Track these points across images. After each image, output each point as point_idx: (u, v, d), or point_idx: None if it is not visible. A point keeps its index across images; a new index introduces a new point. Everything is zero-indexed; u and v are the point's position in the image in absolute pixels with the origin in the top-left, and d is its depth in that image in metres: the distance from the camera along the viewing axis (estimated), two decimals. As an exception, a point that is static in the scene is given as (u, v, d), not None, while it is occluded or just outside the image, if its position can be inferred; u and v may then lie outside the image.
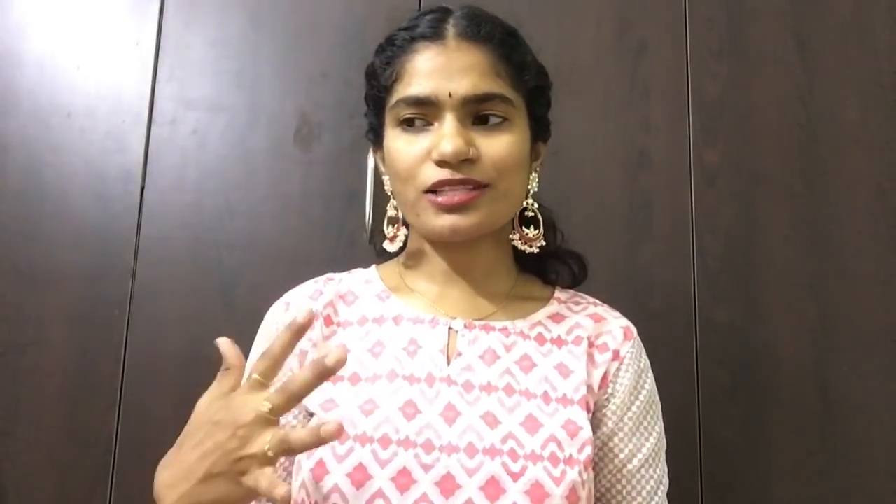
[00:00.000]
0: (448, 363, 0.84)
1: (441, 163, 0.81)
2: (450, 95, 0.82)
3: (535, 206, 0.90)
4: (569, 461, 0.78)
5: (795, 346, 1.21)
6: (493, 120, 0.84)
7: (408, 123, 0.84)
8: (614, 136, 1.28)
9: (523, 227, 0.90)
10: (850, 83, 1.27)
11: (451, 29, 0.85)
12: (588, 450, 0.80)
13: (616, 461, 0.85)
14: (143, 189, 1.27)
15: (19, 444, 1.18)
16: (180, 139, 1.28)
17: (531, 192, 0.90)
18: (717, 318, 1.22)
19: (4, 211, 1.25)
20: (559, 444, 0.79)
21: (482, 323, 0.87)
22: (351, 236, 1.24)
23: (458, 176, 0.81)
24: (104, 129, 1.28)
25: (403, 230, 0.91)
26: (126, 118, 1.29)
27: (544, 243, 0.91)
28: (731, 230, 1.24)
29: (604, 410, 0.86)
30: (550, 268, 0.97)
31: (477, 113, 0.83)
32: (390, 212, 0.91)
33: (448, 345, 0.85)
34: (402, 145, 0.84)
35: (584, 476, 0.79)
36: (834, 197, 1.24)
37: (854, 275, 1.22)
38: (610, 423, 0.86)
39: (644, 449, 0.86)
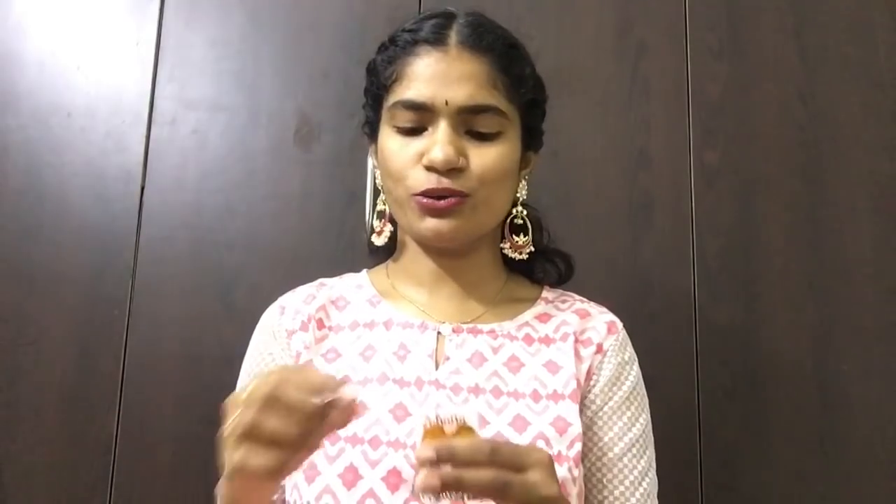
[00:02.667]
0: (437, 367, 0.85)
1: (430, 168, 0.83)
2: (446, 103, 0.83)
3: (524, 212, 0.92)
4: (557, 458, 0.78)
5: (795, 346, 1.21)
6: (486, 131, 0.85)
7: (403, 125, 0.85)
8: (614, 136, 1.28)
9: (513, 235, 0.91)
10: (850, 83, 1.27)
11: (453, 36, 0.86)
12: (578, 446, 0.80)
13: (596, 449, 0.86)
14: (143, 189, 1.27)
15: (19, 444, 1.18)
16: (180, 139, 1.28)
17: (520, 199, 0.91)
18: (717, 319, 1.22)
19: (4, 211, 1.25)
20: (548, 442, 0.79)
21: (470, 326, 0.88)
22: (351, 236, 1.24)
23: (443, 184, 0.82)
24: (104, 129, 1.28)
25: (389, 226, 0.93)
26: (126, 118, 1.29)
27: (533, 249, 0.92)
28: (731, 230, 1.24)
29: (586, 401, 0.87)
30: (538, 267, 0.97)
31: (471, 123, 0.84)
32: (379, 206, 0.93)
33: (437, 349, 0.86)
34: (395, 146, 0.86)
35: (574, 473, 0.79)
36: (834, 197, 1.24)
37: (854, 275, 1.22)
38: (590, 413, 0.86)
39: (626, 438, 0.86)
